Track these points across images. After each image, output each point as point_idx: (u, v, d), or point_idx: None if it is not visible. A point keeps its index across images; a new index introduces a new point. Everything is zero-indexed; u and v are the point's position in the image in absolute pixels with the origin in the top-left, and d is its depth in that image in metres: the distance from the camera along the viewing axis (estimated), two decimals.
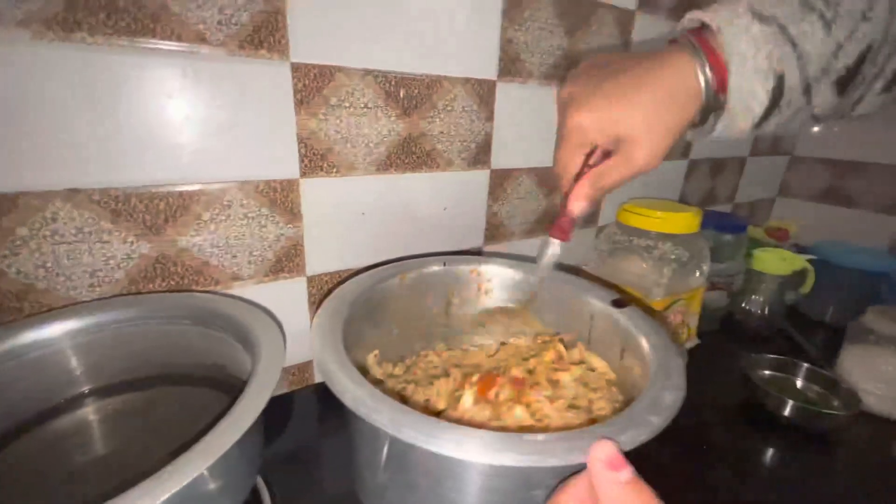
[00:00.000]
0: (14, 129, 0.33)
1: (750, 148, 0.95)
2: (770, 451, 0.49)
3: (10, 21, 0.31)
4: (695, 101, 0.30)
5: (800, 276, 0.75)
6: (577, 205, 0.34)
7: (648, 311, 0.40)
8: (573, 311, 0.45)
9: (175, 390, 0.36)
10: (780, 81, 0.29)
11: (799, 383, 0.59)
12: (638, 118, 0.30)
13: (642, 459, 0.41)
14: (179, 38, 0.36)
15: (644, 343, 0.35)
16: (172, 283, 0.41)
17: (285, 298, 0.47)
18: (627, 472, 0.21)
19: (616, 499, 0.21)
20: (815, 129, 1.00)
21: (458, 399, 0.36)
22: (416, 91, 0.48)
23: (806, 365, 0.59)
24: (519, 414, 0.34)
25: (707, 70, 0.29)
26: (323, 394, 0.52)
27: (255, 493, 0.37)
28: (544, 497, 0.24)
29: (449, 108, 0.51)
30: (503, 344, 0.49)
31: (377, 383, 0.37)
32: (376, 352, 0.41)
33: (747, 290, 0.75)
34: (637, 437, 0.23)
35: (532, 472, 0.24)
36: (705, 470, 0.45)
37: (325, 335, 0.32)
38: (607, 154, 0.33)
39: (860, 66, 0.29)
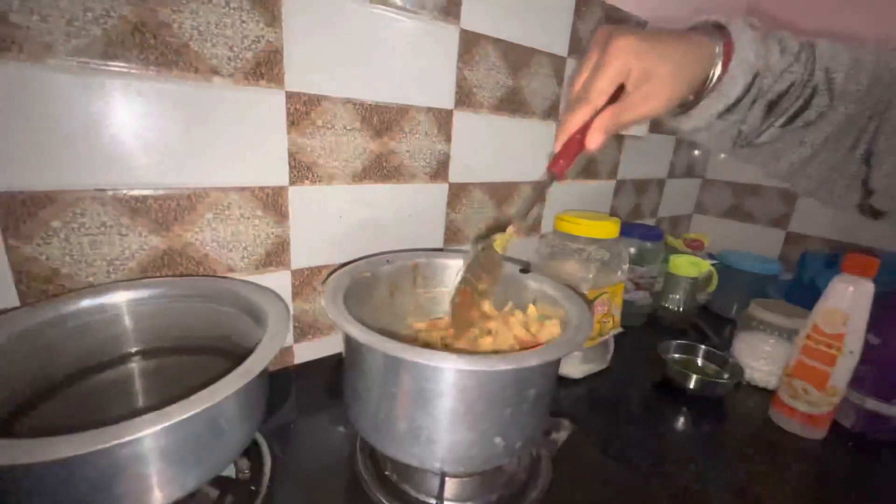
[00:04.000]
0: (56, 137, 0.40)
1: (668, 171, 1.11)
2: (678, 416, 0.61)
3: (61, 52, 0.38)
4: (708, 65, 0.37)
5: (708, 278, 0.91)
6: (596, 137, 0.35)
7: (570, 286, 0.52)
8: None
9: (192, 359, 0.44)
10: (754, 79, 0.36)
11: (700, 362, 0.72)
12: (671, 63, 0.34)
13: (581, 425, 0.51)
14: (197, 70, 0.44)
15: (551, 291, 0.48)
16: (176, 272, 0.48)
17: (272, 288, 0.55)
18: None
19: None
20: (722, 156, 1.19)
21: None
22: (387, 117, 0.59)
23: (704, 347, 0.72)
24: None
25: (719, 48, 0.36)
26: (301, 372, 0.60)
27: (258, 451, 0.44)
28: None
29: (414, 132, 0.62)
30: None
31: None
32: None
33: (666, 291, 0.89)
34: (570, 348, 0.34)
35: (494, 378, 0.35)
36: (629, 430, 0.57)
37: (338, 311, 0.40)
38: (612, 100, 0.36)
39: (784, 96, 0.37)
